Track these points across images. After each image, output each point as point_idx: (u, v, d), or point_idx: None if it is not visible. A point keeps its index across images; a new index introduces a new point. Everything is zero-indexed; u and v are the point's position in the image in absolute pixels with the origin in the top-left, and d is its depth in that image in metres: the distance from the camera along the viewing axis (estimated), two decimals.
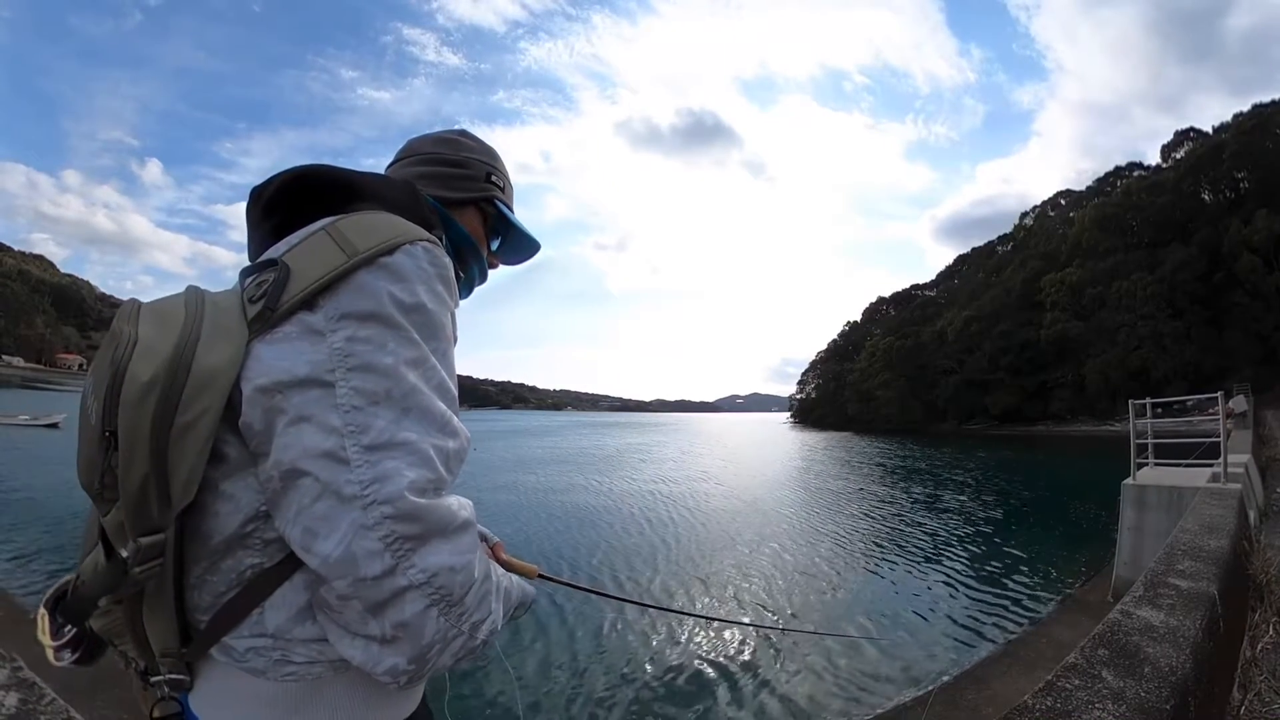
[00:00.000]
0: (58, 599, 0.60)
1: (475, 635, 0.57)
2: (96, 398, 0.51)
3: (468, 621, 0.56)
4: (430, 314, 0.59)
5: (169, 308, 0.58)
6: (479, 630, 0.58)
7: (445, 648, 0.55)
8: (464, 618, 0.55)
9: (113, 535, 0.52)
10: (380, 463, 0.51)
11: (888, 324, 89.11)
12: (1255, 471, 7.77)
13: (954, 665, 5.31)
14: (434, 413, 0.56)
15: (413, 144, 0.89)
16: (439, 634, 0.53)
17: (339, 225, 0.60)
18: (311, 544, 0.51)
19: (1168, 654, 1.56)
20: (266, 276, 0.57)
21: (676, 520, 11.63)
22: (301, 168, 0.67)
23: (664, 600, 6.94)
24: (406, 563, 0.51)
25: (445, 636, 0.54)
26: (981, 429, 59.87)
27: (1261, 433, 14.13)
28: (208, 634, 0.56)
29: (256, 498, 0.55)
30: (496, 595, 0.62)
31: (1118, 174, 70.09)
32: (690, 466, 23.43)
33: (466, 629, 0.56)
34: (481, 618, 0.58)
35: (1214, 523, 3.32)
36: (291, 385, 0.52)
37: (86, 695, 2.99)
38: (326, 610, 0.54)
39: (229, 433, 0.54)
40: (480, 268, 0.89)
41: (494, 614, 0.60)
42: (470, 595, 0.56)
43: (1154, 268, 49.20)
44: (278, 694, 0.56)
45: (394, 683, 0.54)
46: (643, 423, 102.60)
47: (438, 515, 0.53)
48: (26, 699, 1.30)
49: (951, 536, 10.78)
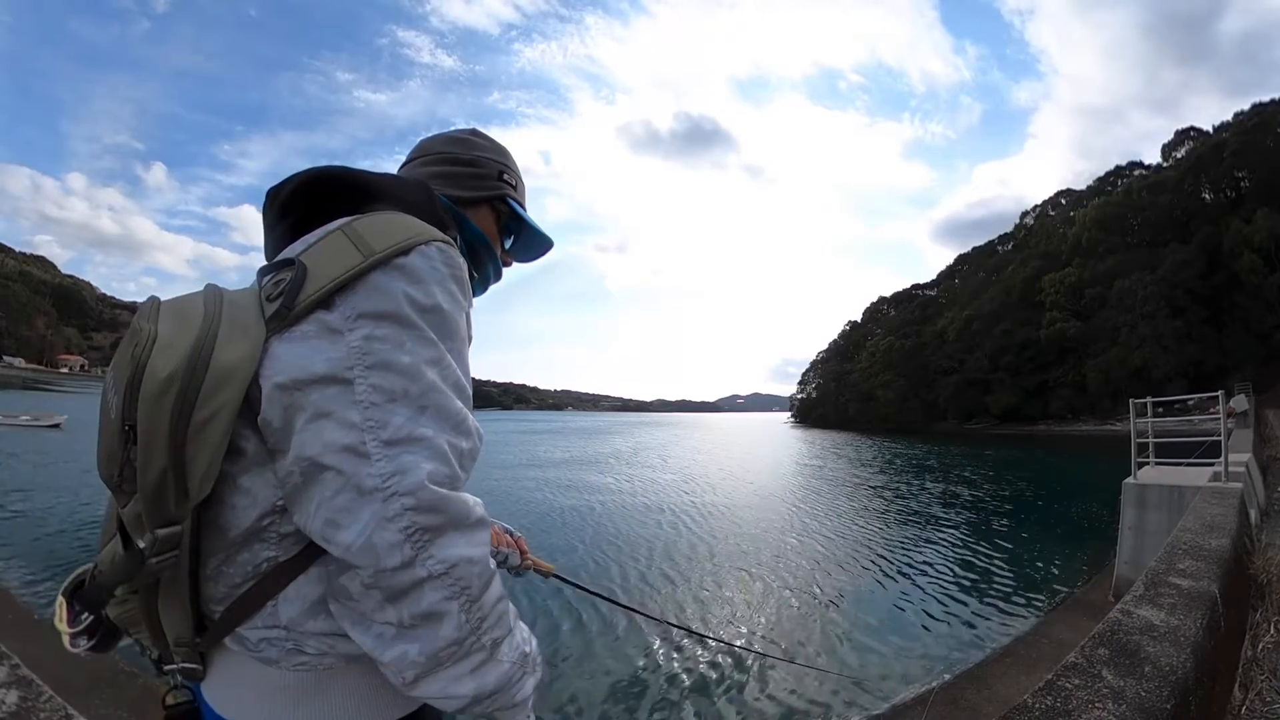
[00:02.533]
0: (76, 587, 0.61)
1: (498, 657, 0.57)
2: (116, 392, 0.53)
3: (488, 635, 0.56)
4: (445, 314, 0.60)
5: (188, 305, 0.59)
6: (500, 650, 0.57)
7: (462, 656, 0.54)
8: (484, 625, 0.55)
9: (131, 526, 0.53)
10: (399, 456, 0.52)
11: (888, 324, 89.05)
12: (1256, 471, 7.77)
13: (954, 665, 5.29)
14: (450, 411, 0.57)
15: (425, 143, 0.90)
16: (459, 633, 0.54)
17: (355, 225, 0.61)
18: (333, 535, 0.52)
19: (1168, 653, 1.55)
20: (284, 276, 0.58)
21: (696, 527, 11.59)
22: (317, 169, 0.67)
23: (681, 616, 6.63)
24: (425, 554, 0.52)
25: (464, 640, 0.54)
26: (982, 429, 59.77)
27: (1263, 432, 14.12)
28: (222, 625, 0.57)
29: (273, 492, 0.56)
30: (516, 621, 0.62)
31: (1118, 173, 69.95)
32: (707, 466, 23.42)
33: (488, 644, 0.56)
34: (501, 634, 0.58)
35: (1215, 522, 3.32)
36: (310, 382, 0.53)
37: (84, 694, 2.99)
38: (344, 599, 0.55)
39: (246, 428, 0.55)
40: (494, 266, 0.90)
41: (517, 635, 0.60)
42: (489, 596, 0.56)
43: (1155, 267, 49.12)
44: (289, 682, 0.57)
45: (398, 675, 0.54)
46: (645, 423, 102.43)
47: (457, 508, 0.54)
48: (26, 696, 1.31)
49: (952, 535, 10.77)
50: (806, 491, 16.56)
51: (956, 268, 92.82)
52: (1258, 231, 43.39)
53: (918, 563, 8.90)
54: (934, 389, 67.84)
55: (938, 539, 10.51)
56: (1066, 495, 15.35)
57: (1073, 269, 56.82)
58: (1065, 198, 79.49)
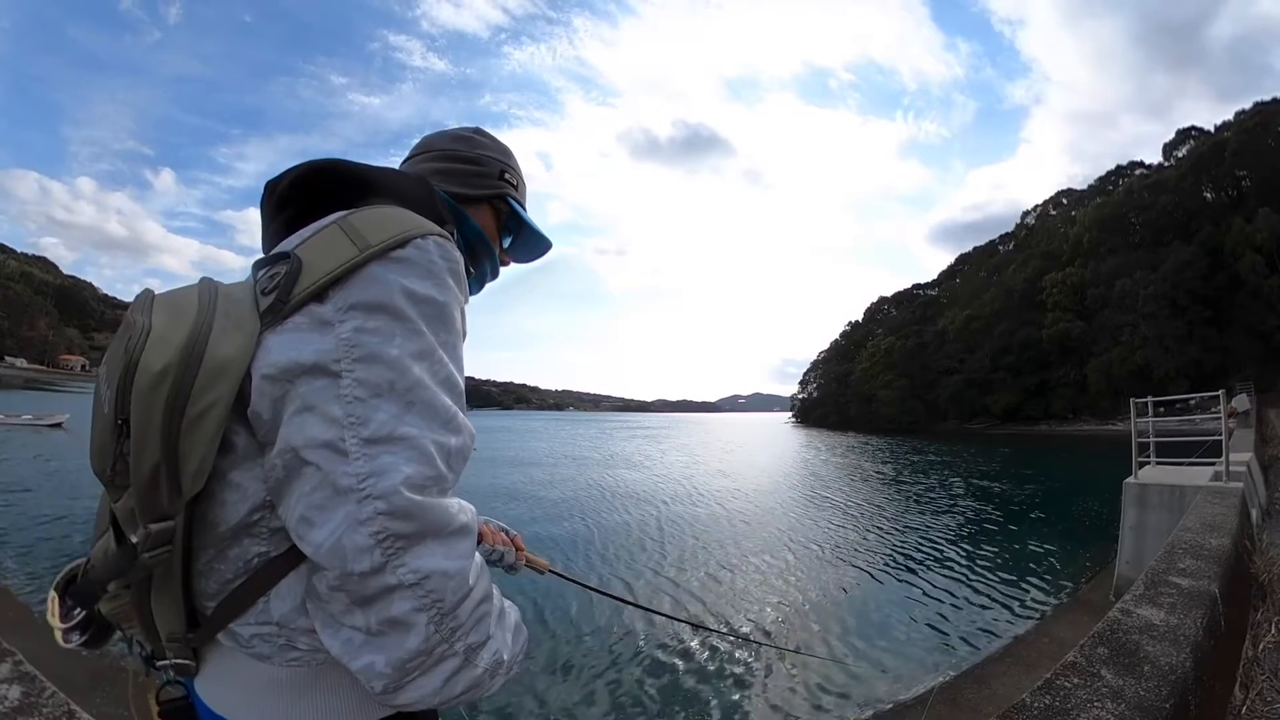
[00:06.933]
0: (68, 582, 0.60)
1: (473, 662, 0.55)
2: (110, 386, 0.52)
3: (462, 642, 0.54)
4: (440, 307, 0.59)
5: (182, 298, 0.58)
6: (477, 656, 0.55)
7: (433, 665, 0.52)
8: (458, 634, 0.53)
9: (124, 521, 0.53)
10: (378, 457, 0.50)
11: (889, 323, 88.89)
12: (1257, 470, 7.75)
13: (954, 664, 5.29)
14: (437, 407, 0.55)
15: (428, 140, 0.89)
16: (426, 644, 0.51)
17: (351, 219, 0.60)
18: (306, 532, 0.51)
19: (1168, 653, 1.55)
20: (279, 269, 0.57)
21: (697, 522, 11.60)
22: (315, 161, 0.67)
23: (678, 609, 6.67)
24: (397, 561, 0.50)
25: (434, 650, 0.52)
26: (983, 428, 59.70)
27: (1264, 431, 14.08)
28: (214, 620, 0.56)
29: (263, 487, 0.55)
30: (499, 622, 0.60)
31: (1119, 173, 69.82)
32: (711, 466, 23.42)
33: (461, 650, 0.54)
34: (477, 640, 0.55)
35: (1216, 521, 3.31)
36: (298, 373, 0.53)
37: (86, 692, 3.00)
38: (315, 598, 0.54)
39: (238, 423, 0.55)
40: (492, 264, 0.89)
41: (495, 641, 0.58)
42: (465, 607, 0.54)
43: (1156, 266, 49.03)
44: (282, 678, 0.57)
45: (368, 684, 0.52)
46: (647, 424, 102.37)
47: (433, 515, 0.52)
48: (29, 692, 1.31)
49: (952, 534, 10.77)
50: (806, 491, 16.54)
51: (957, 267, 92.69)
52: (1259, 231, 43.29)
53: (917, 561, 8.90)
54: (935, 389, 67.72)
55: (938, 538, 10.50)
56: (1067, 495, 15.34)
57: (1074, 269, 56.73)
58: (1066, 197, 79.34)
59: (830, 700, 4.64)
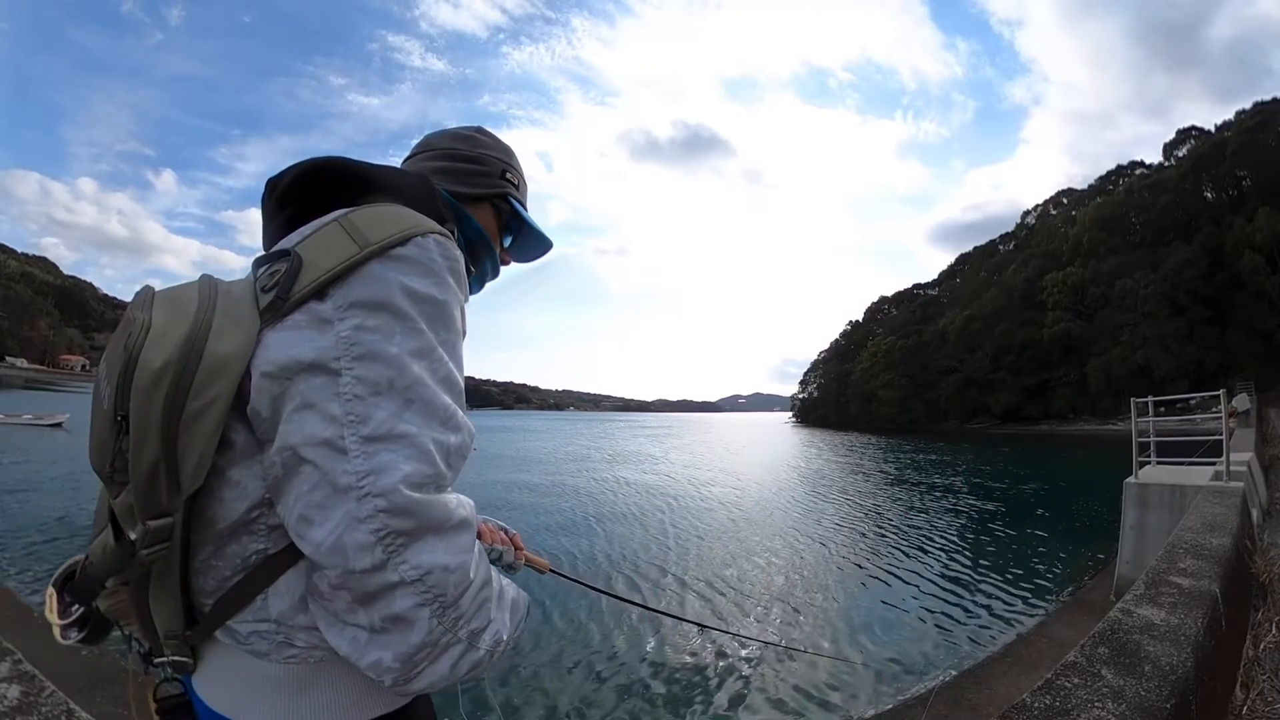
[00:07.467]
0: (66, 578, 0.60)
1: (476, 645, 0.56)
2: (109, 382, 0.52)
3: (465, 629, 0.55)
4: (440, 305, 0.59)
5: (182, 295, 0.58)
6: (479, 640, 0.57)
7: (439, 653, 0.54)
8: (460, 623, 0.54)
9: (122, 518, 0.53)
10: (377, 454, 0.51)
11: (889, 323, 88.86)
12: (1258, 470, 7.75)
13: (955, 664, 5.29)
14: (437, 406, 0.56)
15: (429, 139, 0.89)
16: (430, 636, 0.52)
17: (351, 217, 0.60)
18: (306, 531, 0.51)
19: (1168, 652, 1.55)
20: (279, 266, 0.57)
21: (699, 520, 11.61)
22: (317, 159, 0.67)
23: (675, 607, 6.68)
24: (398, 558, 0.50)
25: (438, 641, 0.53)
26: (983, 428, 59.70)
27: (1264, 431, 14.07)
28: (212, 617, 0.56)
29: (262, 484, 0.55)
30: (499, 604, 0.61)
31: (1119, 173, 69.79)
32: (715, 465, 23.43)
33: (464, 636, 0.55)
34: (480, 625, 0.57)
35: (1216, 521, 3.31)
36: (297, 371, 0.53)
37: (86, 691, 3.00)
38: (317, 597, 0.54)
39: (237, 420, 0.55)
40: (492, 263, 0.90)
41: (496, 623, 0.59)
42: (466, 598, 0.55)
43: (1156, 266, 49.03)
44: (280, 674, 0.57)
45: (379, 680, 0.53)
46: (648, 424, 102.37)
47: (433, 511, 0.52)
48: (28, 691, 1.31)
49: (953, 535, 10.77)
50: (807, 491, 16.55)
51: (957, 267, 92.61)
52: (1259, 230, 43.27)
53: (918, 561, 8.90)
54: (935, 388, 67.70)
55: (939, 537, 10.50)
56: (1068, 494, 15.34)
57: (1074, 269, 56.68)
58: (1066, 197, 79.31)
59: (831, 699, 4.64)
